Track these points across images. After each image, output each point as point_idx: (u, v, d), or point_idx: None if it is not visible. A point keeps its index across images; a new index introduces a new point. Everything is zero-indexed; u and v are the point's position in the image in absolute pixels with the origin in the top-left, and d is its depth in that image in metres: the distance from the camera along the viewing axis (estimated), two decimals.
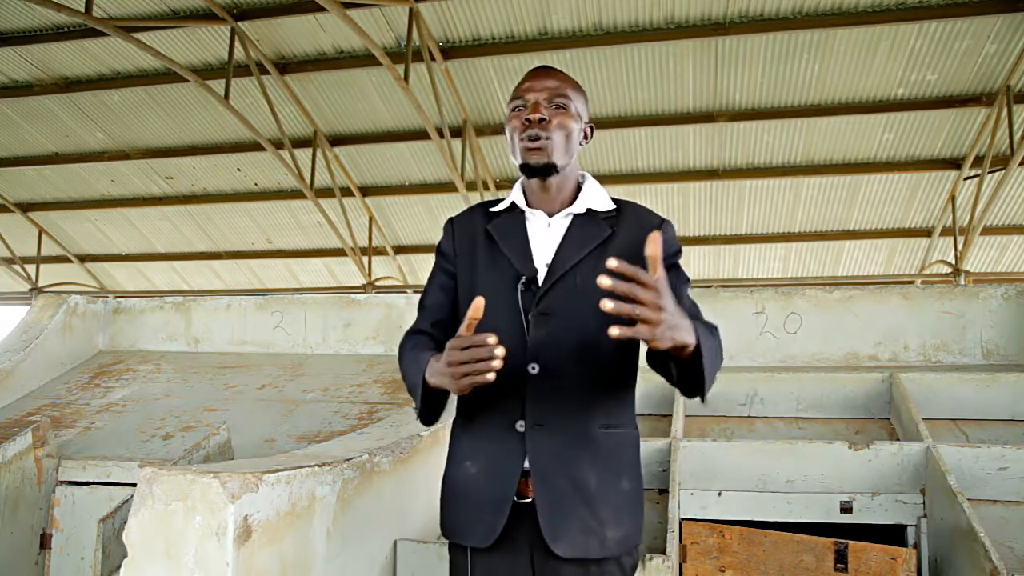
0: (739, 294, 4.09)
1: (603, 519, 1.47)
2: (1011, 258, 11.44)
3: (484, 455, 1.53)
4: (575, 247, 1.54)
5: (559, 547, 1.44)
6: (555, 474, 1.47)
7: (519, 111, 1.56)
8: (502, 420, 1.51)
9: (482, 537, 1.48)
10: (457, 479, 1.56)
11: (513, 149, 1.58)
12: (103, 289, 14.53)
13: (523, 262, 1.54)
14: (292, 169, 10.00)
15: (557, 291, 1.51)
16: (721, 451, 3.05)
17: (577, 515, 1.46)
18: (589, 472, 1.48)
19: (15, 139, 10.98)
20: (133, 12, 8.25)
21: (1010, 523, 2.69)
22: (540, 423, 1.49)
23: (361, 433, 2.82)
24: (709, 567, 2.69)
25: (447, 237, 1.68)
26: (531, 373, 1.50)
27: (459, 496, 1.55)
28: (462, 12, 8.12)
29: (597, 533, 1.46)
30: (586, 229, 1.56)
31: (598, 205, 1.58)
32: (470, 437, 1.57)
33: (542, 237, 1.57)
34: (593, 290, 1.43)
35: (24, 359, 4.20)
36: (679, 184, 10.40)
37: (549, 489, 1.47)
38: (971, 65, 8.12)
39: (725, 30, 7.97)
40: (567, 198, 1.60)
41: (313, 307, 4.67)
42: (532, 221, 1.59)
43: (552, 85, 1.56)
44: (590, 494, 1.47)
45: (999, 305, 3.85)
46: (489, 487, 1.50)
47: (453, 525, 1.55)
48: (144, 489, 1.50)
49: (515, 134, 1.56)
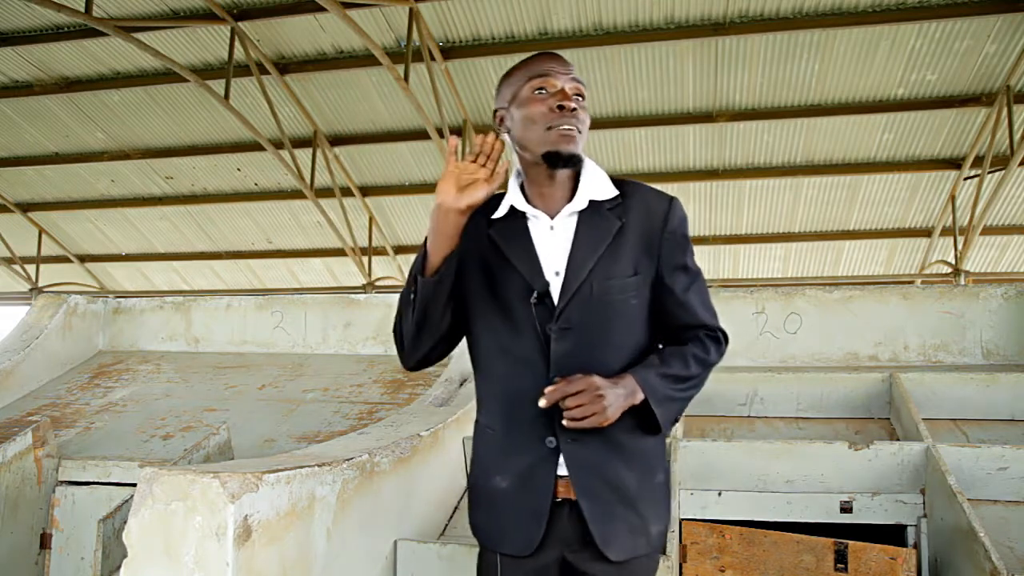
0: (739, 294, 4.09)
1: (646, 517, 1.48)
2: (1011, 258, 11.44)
3: (514, 470, 1.50)
4: (586, 251, 1.46)
5: (612, 552, 1.44)
6: (595, 482, 1.46)
7: (543, 95, 1.46)
8: (530, 435, 1.48)
9: (522, 547, 1.48)
10: (487, 491, 1.55)
11: (530, 134, 1.47)
12: (103, 289, 14.53)
13: (532, 274, 1.47)
14: (292, 169, 10.01)
15: (575, 304, 1.46)
16: (721, 451, 3.05)
17: (623, 517, 1.46)
18: (626, 474, 1.48)
19: (15, 139, 10.98)
20: (133, 12, 8.25)
21: (1010, 523, 2.69)
22: (573, 438, 1.46)
23: (361, 433, 2.81)
24: (709, 567, 2.68)
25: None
26: None
27: (493, 507, 1.54)
28: (462, 12, 8.12)
29: (643, 532, 1.48)
30: (594, 227, 1.48)
31: (600, 194, 1.50)
32: (496, 451, 1.54)
33: (547, 242, 1.50)
34: (609, 296, 1.46)
35: (24, 359, 4.20)
36: (679, 184, 10.40)
37: (592, 497, 1.45)
38: (971, 65, 8.12)
39: (725, 30, 7.97)
40: (568, 191, 1.51)
41: (313, 307, 4.67)
42: (534, 224, 1.51)
43: (575, 76, 1.50)
44: (631, 495, 1.47)
45: (999, 305, 3.84)
46: (524, 499, 1.48)
47: (486, 532, 1.55)
48: (144, 489, 1.50)
49: (541, 121, 1.46)
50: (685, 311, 1.50)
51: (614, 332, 1.47)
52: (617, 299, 1.47)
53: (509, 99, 1.52)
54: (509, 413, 1.51)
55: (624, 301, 1.47)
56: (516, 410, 1.49)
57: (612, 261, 1.46)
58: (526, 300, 1.47)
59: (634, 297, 1.48)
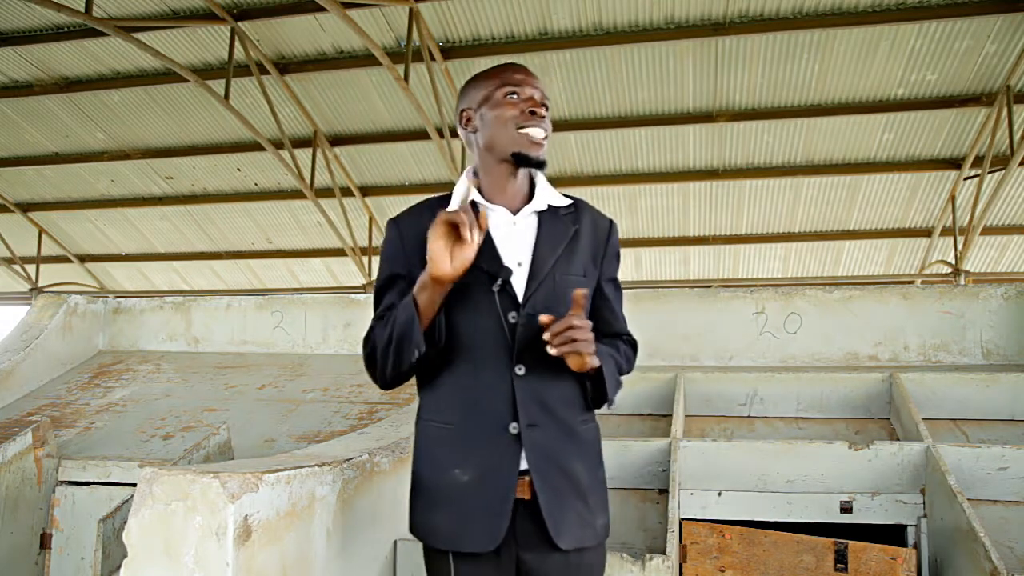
0: (739, 294, 4.09)
1: (594, 509, 1.55)
2: (1011, 258, 11.44)
3: (475, 461, 1.51)
4: (550, 246, 1.56)
5: (563, 541, 1.48)
6: (553, 471, 1.50)
7: (514, 99, 1.55)
8: (491, 424, 1.51)
9: (485, 542, 1.48)
10: (445, 486, 1.52)
11: (501, 134, 1.54)
12: (103, 289, 14.53)
13: (492, 262, 1.51)
14: (292, 169, 10.00)
15: (541, 292, 1.52)
16: (721, 451, 3.05)
17: (575, 508, 1.51)
18: (579, 466, 1.54)
19: (15, 139, 10.98)
20: (133, 12, 8.25)
21: (1010, 523, 2.70)
22: (534, 423, 1.50)
23: (361, 433, 2.82)
24: (709, 567, 2.69)
25: (394, 241, 1.62)
26: (518, 375, 1.50)
27: (450, 504, 1.52)
28: (462, 12, 8.11)
29: (591, 523, 1.54)
30: (554, 227, 1.58)
31: (556, 201, 1.62)
32: (456, 443, 1.53)
33: (507, 234, 1.56)
34: (566, 290, 1.53)
35: (24, 359, 4.20)
36: (679, 184, 10.40)
37: (550, 487, 1.49)
38: (971, 65, 8.12)
39: (725, 30, 7.97)
40: (525, 194, 1.61)
41: (313, 307, 4.67)
42: (492, 217, 1.56)
43: (541, 86, 1.60)
44: (583, 487, 1.53)
45: (999, 305, 3.84)
46: (487, 492, 1.49)
47: (445, 532, 1.52)
48: (144, 489, 1.50)
49: (510, 122, 1.54)
50: (615, 319, 1.66)
51: None
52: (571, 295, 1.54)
53: (479, 101, 1.59)
54: (469, 404, 1.53)
55: None
56: (477, 401, 1.52)
57: (568, 260, 1.57)
58: (488, 288, 1.51)
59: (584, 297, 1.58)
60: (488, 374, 1.51)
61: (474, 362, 1.52)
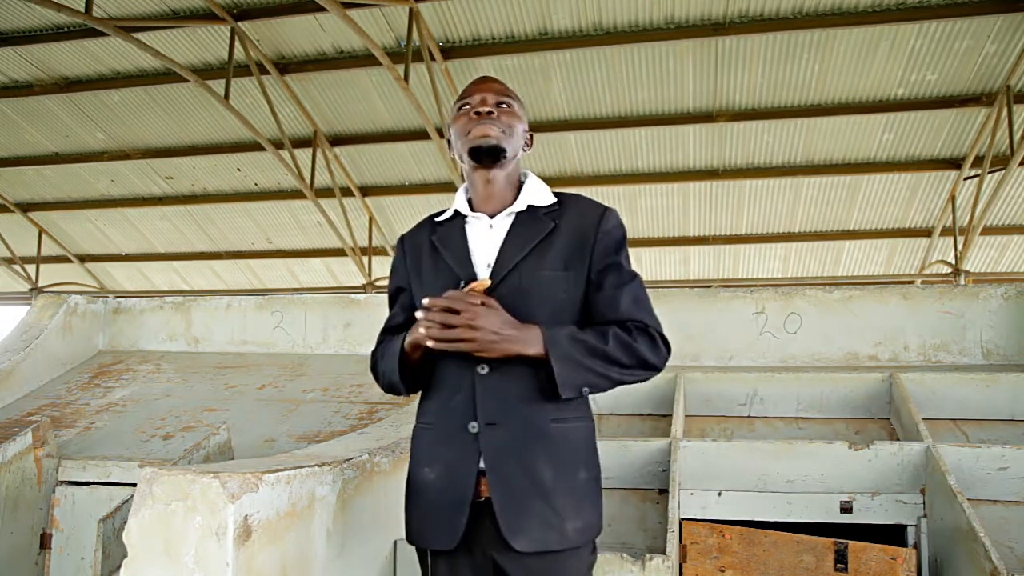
0: (739, 294, 4.09)
1: (561, 512, 1.49)
2: (1011, 258, 11.44)
3: (441, 459, 1.55)
4: (517, 245, 1.57)
5: (518, 542, 1.46)
6: (510, 470, 1.49)
7: (465, 109, 1.62)
8: (456, 422, 1.53)
9: (446, 540, 1.51)
10: (417, 484, 1.59)
11: (459, 148, 1.62)
12: (103, 289, 14.53)
13: (461, 265, 1.58)
14: (292, 169, 10.00)
15: (501, 291, 1.53)
16: (721, 451, 3.05)
17: (535, 510, 1.48)
18: (544, 466, 1.50)
19: (15, 139, 10.98)
20: (133, 12, 8.25)
21: (1010, 523, 2.70)
22: (492, 422, 1.51)
23: (361, 433, 2.82)
24: (709, 567, 2.69)
25: (399, 255, 1.73)
26: (480, 373, 1.52)
27: (420, 500, 1.57)
28: (462, 12, 8.11)
29: (556, 526, 1.48)
30: (528, 226, 1.59)
31: (539, 200, 1.63)
32: (427, 441, 1.60)
33: (483, 238, 1.61)
34: (537, 287, 1.54)
35: (24, 359, 4.20)
36: (679, 184, 10.40)
37: (504, 486, 1.48)
38: (971, 65, 8.12)
39: (725, 30, 7.97)
40: (509, 198, 1.63)
41: (313, 307, 4.67)
42: (473, 224, 1.63)
43: (497, 87, 1.63)
44: (546, 488, 1.49)
45: (999, 305, 3.84)
46: (448, 490, 1.52)
47: (416, 529, 1.58)
48: (144, 489, 1.50)
49: (461, 131, 1.61)
50: (613, 306, 1.56)
51: (541, 322, 1.51)
52: (545, 291, 1.55)
53: (449, 123, 1.69)
54: (441, 402, 1.58)
55: (552, 294, 1.55)
56: (446, 398, 1.56)
57: (542, 256, 1.56)
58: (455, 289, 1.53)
59: (563, 291, 1.56)
60: (455, 373, 1.55)
61: (447, 363, 1.56)
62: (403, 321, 1.70)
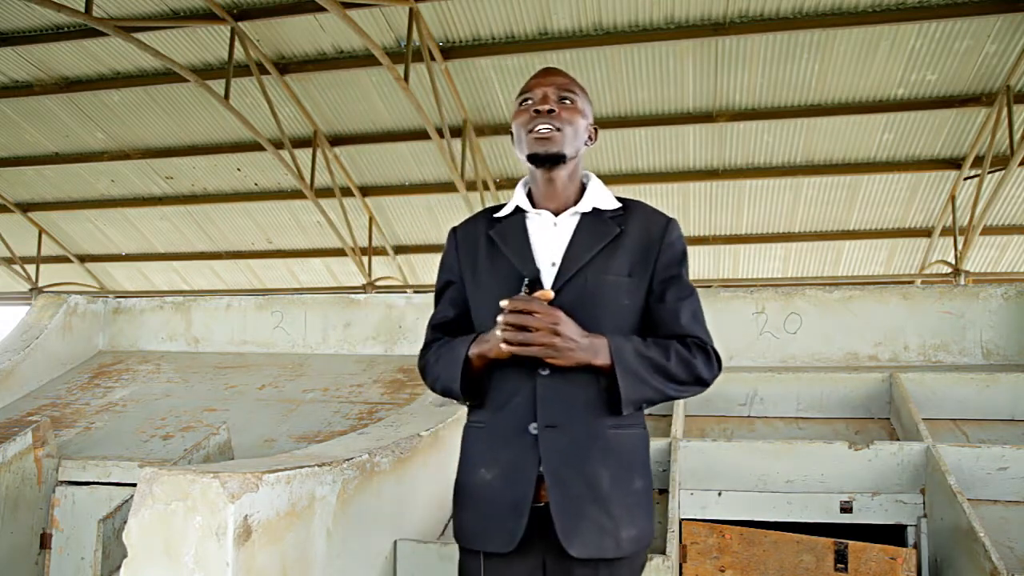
0: (739, 294, 4.09)
1: (617, 519, 1.47)
2: (1011, 258, 11.44)
3: (499, 460, 1.51)
4: (585, 246, 1.54)
5: (574, 548, 1.43)
6: (568, 475, 1.47)
7: (527, 105, 1.56)
8: (515, 424, 1.50)
9: (503, 543, 1.47)
10: (472, 485, 1.55)
11: (520, 144, 1.58)
12: (103, 289, 14.53)
13: (523, 262, 1.54)
14: (292, 169, 10.01)
15: (568, 291, 1.50)
16: (721, 451, 3.05)
17: (591, 515, 1.46)
18: (602, 472, 1.48)
19: (15, 139, 10.98)
20: (133, 12, 8.25)
21: (1010, 523, 2.69)
22: (552, 424, 1.48)
23: (361, 433, 2.81)
24: (709, 567, 2.68)
25: (450, 248, 1.68)
26: (542, 375, 1.49)
27: (476, 502, 1.53)
28: (462, 12, 8.12)
29: (612, 533, 1.46)
30: (595, 228, 1.56)
31: (604, 204, 1.59)
32: (483, 443, 1.56)
33: (547, 236, 1.57)
34: (602, 291, 1.51)
35: (24, 359, 4.20)
36: (679, 184, 10.40)
37: (563, 490, 1.46)
38: (971, 65, 8.12)
39: (725, 30, 7.97)
40: (572, 197, 1.60)
41: (313, 307, 4.66)
42: (535, 220, 1.59)
43: (560, 81, 1.58)
44: (603, 494, 1.47)
45: (999, 305, 3.84)
46: (507, 492, 1.49)
47: (470, 531, 1.54)
48: (144, 489, 1.50)
49: (522, 128, 1.55)
50: (674, 319, 1.55)
51: (603, 327, 1.49)
52: (609, 296, 1.52)
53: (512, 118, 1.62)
54: (497, 404, 1.54)
55: (616, 299, 1.53)
56: (504, 400, 1.52)
57: (608, 260, 1.53)
58: (517, 287, 1.51)
59: (626, 297, 1.53)
60: (516, 374, 1.51)
61: (505, 362, 1.52)
62: (453, 317, 1.65)
